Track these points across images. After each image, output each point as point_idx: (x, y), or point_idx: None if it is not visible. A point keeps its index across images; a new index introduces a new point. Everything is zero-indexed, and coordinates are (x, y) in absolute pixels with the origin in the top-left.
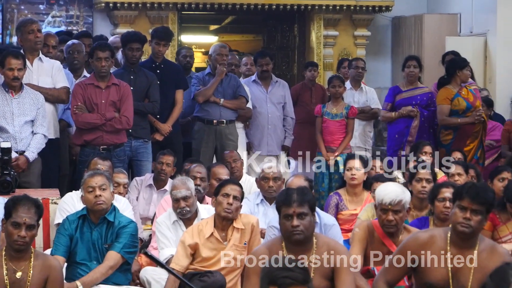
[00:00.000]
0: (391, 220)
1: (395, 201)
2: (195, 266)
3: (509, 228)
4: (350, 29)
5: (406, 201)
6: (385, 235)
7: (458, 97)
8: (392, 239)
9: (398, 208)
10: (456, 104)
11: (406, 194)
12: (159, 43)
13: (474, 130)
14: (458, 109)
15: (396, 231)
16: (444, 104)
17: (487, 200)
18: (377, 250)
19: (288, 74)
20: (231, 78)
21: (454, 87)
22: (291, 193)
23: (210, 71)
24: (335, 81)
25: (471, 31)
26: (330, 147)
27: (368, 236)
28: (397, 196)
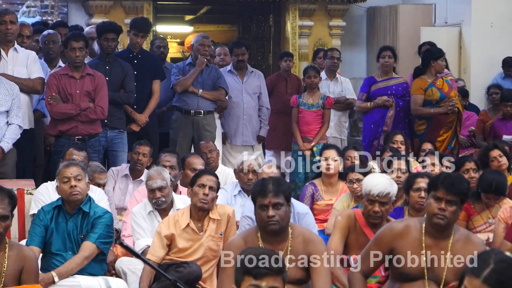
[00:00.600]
0: (377, 211)
1: (383, 193)
2: (171, 256)
3: (484, 218)
4: (325, 20)
5: (393, 194)
6: (367, 225)
7: (432, 87)
8: (373, 230)
9: (385, 200)
10: (430, 94)
11: (394, 187)
12: (137, 34)
13: (448, 120)
14: (431, 99)
15: (379, 222)
16: (418, 94)
17: (462, 190)
18: (358, 239)
19: (264, 65)
20: (212, 69)
21: (428, 77)
22: (267, 183)
23: (191, 61)
24: (310, 72)
25: (445, 22)
26: (306, 137)
27: (350, 225)
28: (385, 188)
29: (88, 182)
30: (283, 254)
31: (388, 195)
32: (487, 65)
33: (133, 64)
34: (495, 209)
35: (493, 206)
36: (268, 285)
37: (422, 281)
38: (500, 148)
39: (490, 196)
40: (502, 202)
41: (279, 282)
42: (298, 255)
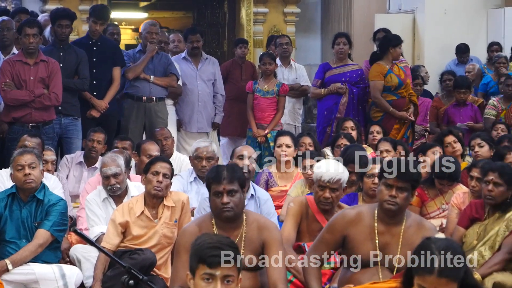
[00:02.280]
0: (327, 197)
1: (333, 179)
2: (126, 244)
3: (437, 204)
4: (280, 6)
5: (344, 180)
6: (319, 211)
7: (391, 74)
8: (325, 216)
9: (336, 186)
10: (389, 81)
11: (345, 174)
12: (96, 21)
13: (404, 109)
14: (390, 85)
15: (330, 209)
16: (378, 79)
17: (412, 177)
18: (310, 226)
19: (218, 51)
20: (162, 56)
21: (386, 64)
22: (221, 170)
23: (141, 49)
24: (265, 58)
25: (399, 8)
26: (261, 124)
27: (302, 211)
28: (336, 174)
29: (43, 169)
30: (238, 241)
31: (339, 182)
32: (440, 51)
33: (92, 51)
34: (448, 195)
35: (447, 192)
36: (223, 273)
37: (375, 267)
38: (455, 134)
39: (444, 182)
40: (455, 188)
41: (233, 270)
42: (252, 242)
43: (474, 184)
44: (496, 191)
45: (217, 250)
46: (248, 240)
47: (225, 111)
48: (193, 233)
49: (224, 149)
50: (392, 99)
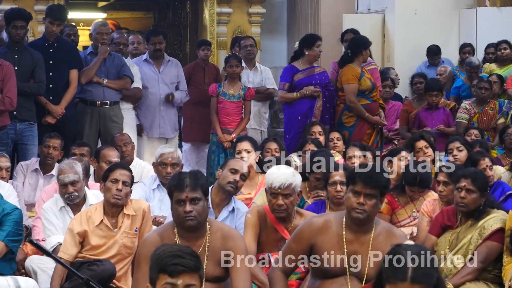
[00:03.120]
0: (281, 204)
1: (284, 185)
2: (84, 254)
3: (408, 211)
4: (244, 6)
5: (297, 185)
6: (277, 220)
7: (364, 77)
8: (284, 225)
9: (288, 192)
10: (363, 84)
11: (296, 177)
12: (52, 22)
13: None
14: (364, 88)
15: (287, 216)
16: (353, 83)
17: (380, 183)
18: (270, 236)
19: (181, 53)
20: (115, 57)
21: (357, 66)
22: (184, 177)
23: (92, 50)
24: (232, 61)
25: (368, 9)
26: (227, 128)
27: (260, 221)
28: (286, 179)
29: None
30: (201, 250)
31: (290, 187)
32: (411, 53)
33: (48, 53)
34: (419, 202)
35: (418, 199)
36: (184, 283)
37: (343, 277)
38: (426, 139)
39: (415, 189)
40: (426, 195)
41: (196, 280)
42: (216, 251)
43: (441, 189)
44: (468, 198)
45: (178, 258)
46: (211, 250)
47: (187, 115)
48: (154, 243)
49: (186, 155)
50: (366, 103)
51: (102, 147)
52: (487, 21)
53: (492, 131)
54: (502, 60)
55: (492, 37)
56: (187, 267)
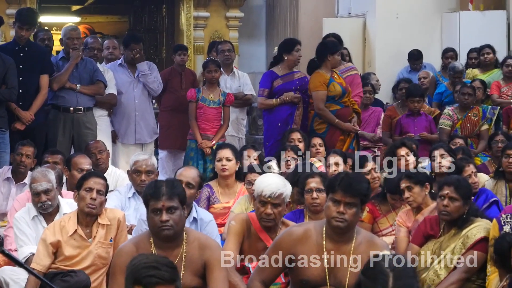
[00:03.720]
0: (269, 213)
1: (275, 194)
2: (58, 265)
3: (390, 220)
4: (222, 10)
5: (287, 195)
6: (262, 229)
7: (333, 82)
8: (269, 234)
9: (278, 201)
10: (332, 90)
11: (287, 187)
12: (21, 27)
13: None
14: (334, 94)
15: (273, 226)
16: (321, 89)
17: (360, 191)
18: (253, 245)
19: (157, 58)
20: (87, 62)
21: (326, 72)
22: (160, 185)
23: (63, 55)
24: (211, 66)
25: (349, 12)
26: (206, 134)
27: (244, 230)
28: (277, 188)
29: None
30: (178, 261)
31: (281, 196)
32: (392, 58)
33: (19, 58)
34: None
35: (399, 207)
36: None
37: (324, 287)
38: (408, 146)
39: (396, 197)
40: None
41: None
42: (193, 261)
43: (407, 195)
44: (451, 206)
45: (153, 270)
46: (188, 260)
47: (164, 122)
48: (129, 253)
49: (163, 163)
50: (337, 108)
51: (73, 154)
52: (470, 25)
53: (476, 138)
54: (485, 65)
55: (475, 41)
56: (163, 278)
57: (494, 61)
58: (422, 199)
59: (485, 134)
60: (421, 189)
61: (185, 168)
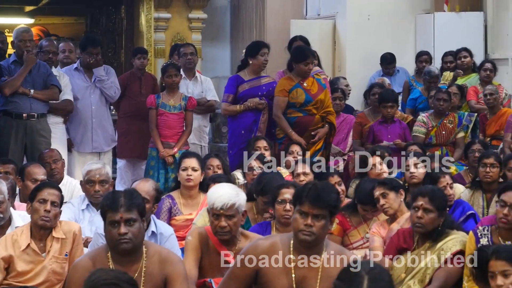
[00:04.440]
0: (223, 226)
1: (227, 205)
2: (10, 281)
3: (361, 232)
4: (184, 11)
5: (241, 204)
6: (220, 243)
7: (298, 88)
8: (228, 247)
9: (231, 212)
10: (294, 97)
11: (240, 197)
12: None
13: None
14: (295, 101)
15: (231, 239)
16: (280, 96)
17: (329, 203)
18: (212, 260)
19: (115, 62)
20: (40, 66)
21: (295, 77)
22: (118, 196)
23: (15, 59)
24: (170, 70)
25: (318, 14)
26: (168, 142)
27: (202, 244)
28: (229, 199)
29: None
30: (137, 276)
31: (233, 207)
32: (364, 61)
33: None
34: (373, 223)
35: (371, 219)
36: None
37: None
38: (381, 155)
39: (367, 208)
40: (380, 215)
41: None
42: (153, 277)
43: (382, 202)
44: (426, 218)
45: (114, 286)
46: (148, 275)
47: (123, 129)
48: (86, 268)
49: (121, 172)
50: (298, 116)
51: (27, 164)
52: (445, 27)
53: (451, 146)
54: (462, 69)
55: (451, 44)
56: None
57: (471, 65)
58: (398, 205)
59: (461, 142)
60: (396, 195)
61: (140, 181)
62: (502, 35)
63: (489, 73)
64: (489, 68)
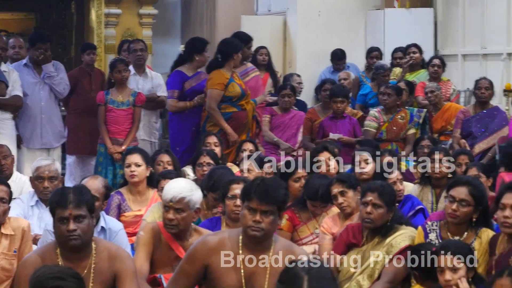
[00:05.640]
0: (171, 219)
1: (176, 198)
2: None
3: (310, 228)
4: (134, 7)
5: (192, 200)
6: (172, 238)
7: (233, 83)
8: (180, 243)
9: (180, 206)
10: (231, 90)
11: (193, 193)
12: None
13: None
14: (232, 95)
15: (182, 233)
16: (217, 89)
17: (277, 198)
18: (165, 255)
19: (65, 58)
20: None
21: (227, 71)
22: (67, 192)
23: None
24: (119, 65)
25: (269, 10)
26: (117, 139)
27: (154, 239)
28: (179, 192)
29: None
30: (86, 272)
31: (183, 201)
32: (314, 57)
33: None
34: (322, 218)
35: (320, 214)
36: None
37: None
38: (330, 151)
39: (317, 203)
40: (330, 211)
41: None
42: (103, 273)
43: (340, 201)
44: (375, 214)
45: (59, 280)
46: (98, 272)
47: (72, 126)
48: (34, 264)
49: (71, 169)
50: (233, 111)
51: None
52: (396, 24)
53: (401, 142)
54: (411, 65)
55: (401, 40)
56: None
57: (420, 61)
58: (356, 204)
59: (411, 138)
60: (354, 193)
61: (89, 178)
62: (452, 31)
63: (437, 69)
64: (437, 64)
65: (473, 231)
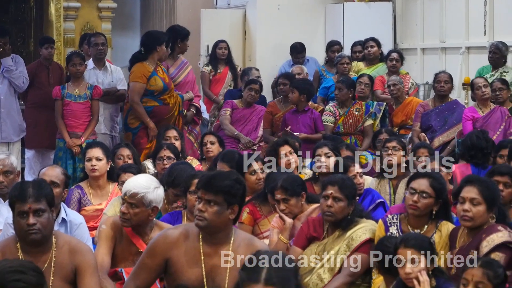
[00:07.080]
0: (124, 212)
1: (129, 192)
2: None
3: (271, 222)
4: (93, 1)
5: (146, 197)
6: (133, 232)
7: (155, 76)
8: (141, 237)
9: (133, 201)
10: (153, 84)
11: (150, 190)
12: None
13: (166, 117)
14: (154, 89)
15: (139, 228)
16: (140, 82)
17: (220, 188)
18: (126, 249)
19: (24, 51)
20: None
21: (151, 64)
22: (26, 187)
23: None
24: (75, 59)
25: (228, 3)
26: (75, 132)
27: (115, 233)
28: (134, 187)
29: None
30: (47, 266)
31: (136, 196)
32: (274, 51)
33: None
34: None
35: None
36: None
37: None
38: (291, 144)
39: None
40: None
41: None
42: (63, 267)
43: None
44: (335, 207)
45: (19, 274)
46: (58, 265)
47: (31, 120)
48: None
49: (30, 163)
50: (154, 105)
51: None
52: (355, 17)
53: (360, 135)
54: (369, 59)
55: (360, 34)
56: (29, 283)
57: (379, 55)
58: (298, 210)
59: (369, 130)
60: (297, 200)
61: (47, 167)
62: (411, 25)
63: (395, 63)
64: (395, 58)
65: (433, 224)
